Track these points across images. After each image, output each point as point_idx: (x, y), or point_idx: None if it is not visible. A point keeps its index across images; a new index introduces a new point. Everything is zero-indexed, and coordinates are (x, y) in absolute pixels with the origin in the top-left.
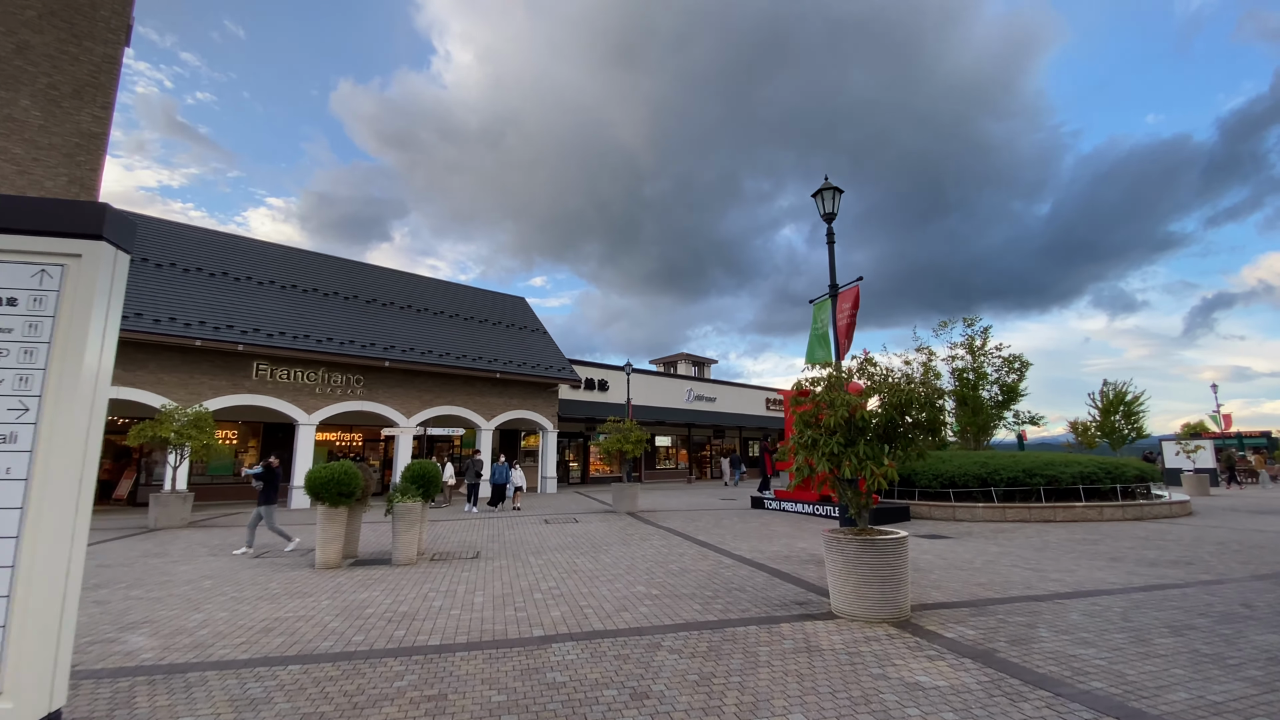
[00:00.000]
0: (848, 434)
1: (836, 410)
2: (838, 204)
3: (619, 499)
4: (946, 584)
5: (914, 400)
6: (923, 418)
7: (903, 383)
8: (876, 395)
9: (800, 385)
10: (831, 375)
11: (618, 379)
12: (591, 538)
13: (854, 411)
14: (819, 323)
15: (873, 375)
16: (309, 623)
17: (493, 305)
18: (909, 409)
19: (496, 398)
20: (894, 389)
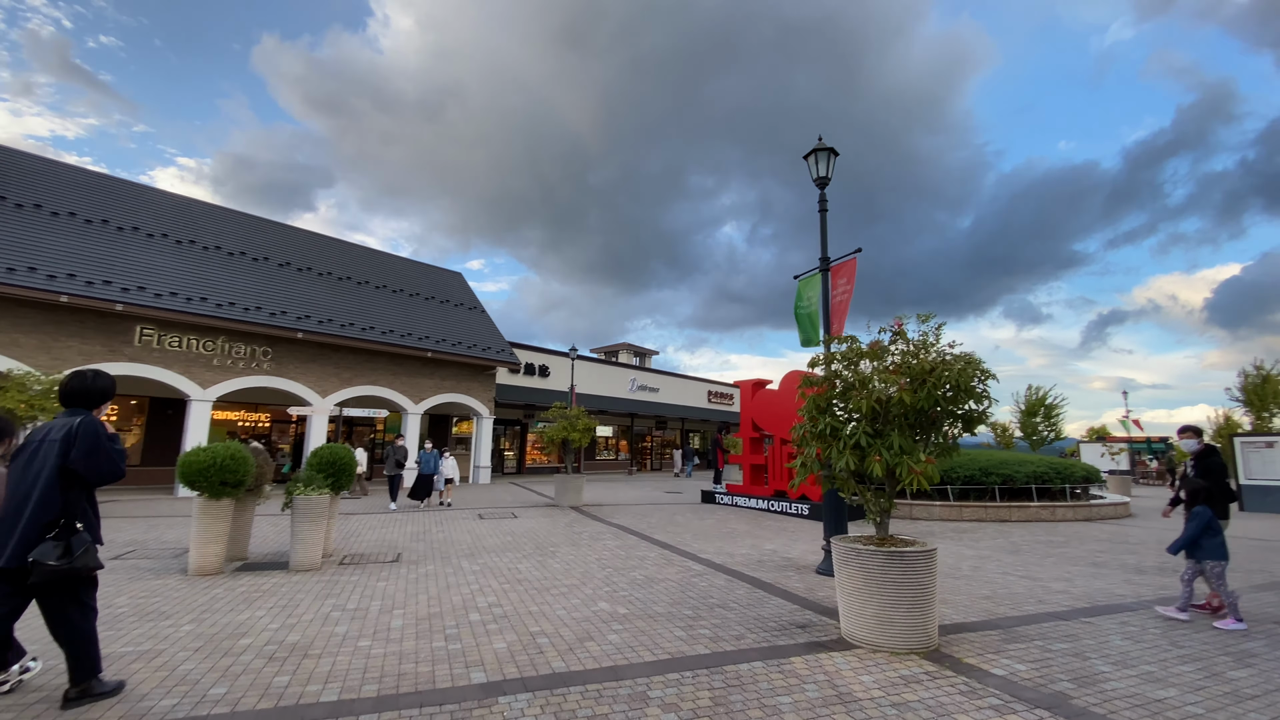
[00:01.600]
0: (876, 422)
1: (870, 392)
2: (832, 167)
3: (562, 492)
4: (950, 597)
5: (964, 383)
6: (969, 406)
7: (951, 361)
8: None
9: (815, 363)
10: (859, 347)
11: (559, 365)
12: (535, 537)
13: (894, 394)
14: (805, 300)
15: (905, 351)
16: (151, 663)
17: (426, 279)
18: (960, 395)
19: (427, 379)
20: (940, 368)
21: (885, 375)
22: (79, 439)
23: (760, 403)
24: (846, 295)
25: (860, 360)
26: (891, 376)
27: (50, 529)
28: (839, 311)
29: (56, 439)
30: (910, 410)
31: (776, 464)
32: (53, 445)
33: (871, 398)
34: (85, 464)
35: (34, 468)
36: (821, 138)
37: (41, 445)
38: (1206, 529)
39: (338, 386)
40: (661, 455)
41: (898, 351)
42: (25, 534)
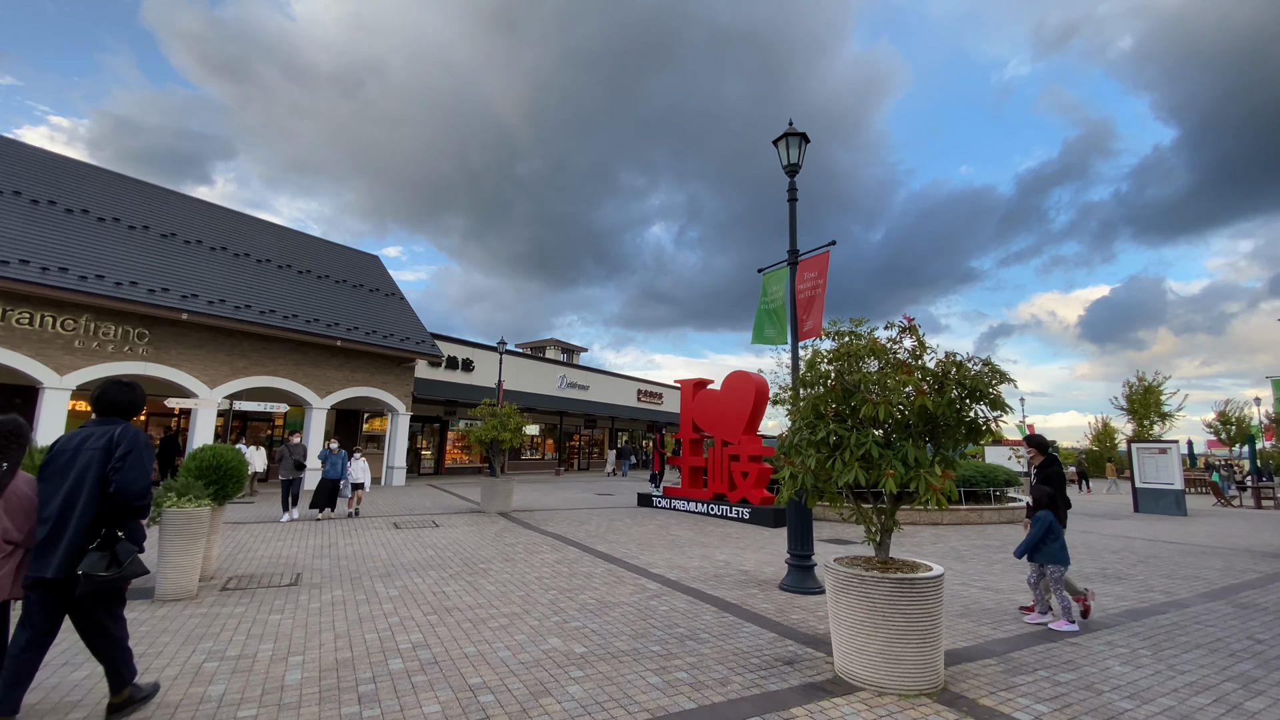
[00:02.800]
0: (887, 431)
1: (889, 395)
2: (803, 154)
3: (489, 496)
4: None
5: (981, 387)
6: (979, 413)
7: (967, 363)
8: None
9: (816, 360)
10: (862, 344)
11: (484, 359)
12: (462, 551)
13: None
14: (770, 296)
15: (913, 350)
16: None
17: (338, 260)
18: (973, 399)
19: (335, 370)
20: (962, 369)
21: (904, 376)
22: (120, 445)
23: (702, 403)
24: (819, 290)
25: (864, 358)
26: (910, 378)
27: (93, 539)
28: (808, 307)
29: (97, 447)
30: (922, 418)
31: (717, 466)
32: (93, 454)
33: (895, 402)
34: (121, 474)
35: (72, 477)
36: (792, 122)
37: (79, 454)
38: (1048, 533)
39: (229, 376)
40: (590, 455)
41: (904, 350)
42: (72, 544)
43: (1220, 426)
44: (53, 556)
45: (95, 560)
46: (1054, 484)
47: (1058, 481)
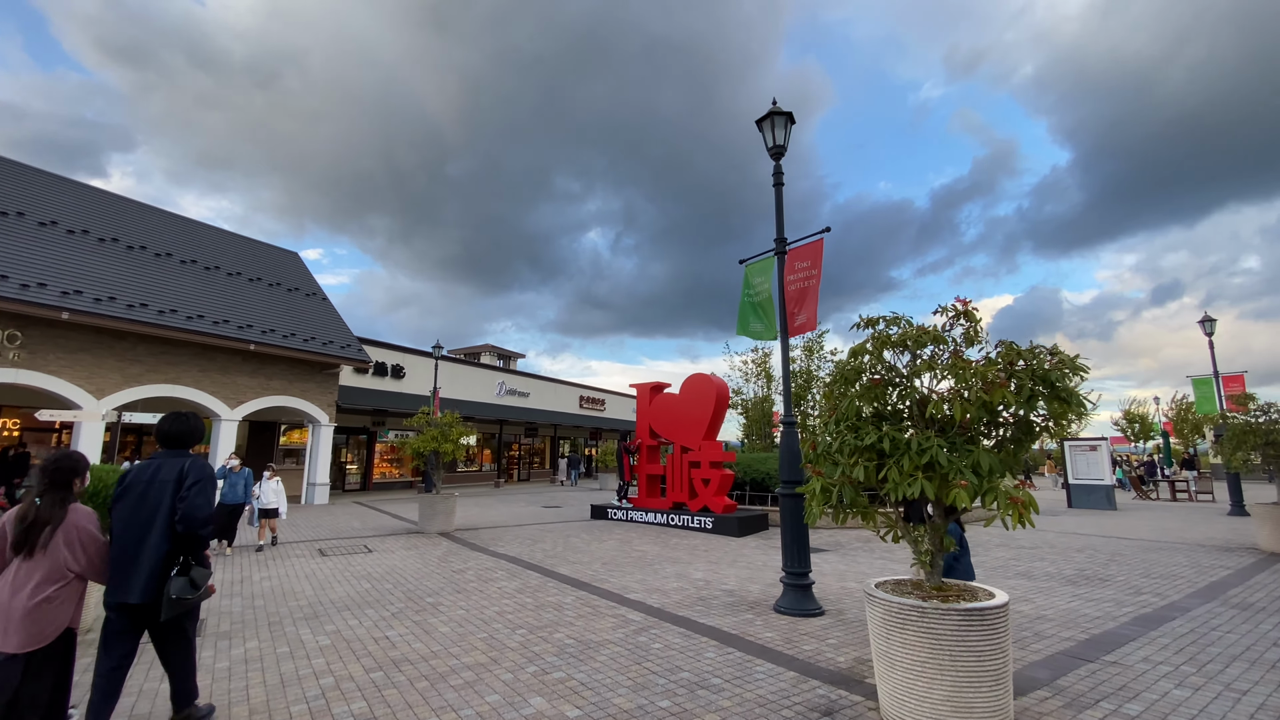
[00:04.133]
0: (945, 433)
1: (971, 393)
2: (789, 135)
3: (428, 515)
4: None
5: (1055, 380)
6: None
7: (1038, 351)
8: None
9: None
10: (917, 330)
11: (416, 365)
12: (403, 581)
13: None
14: (753, 288)
15: (966, 337)
16: None
17: (252, 256)
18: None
19: (248, 377)
20: (1033, 358)
21: (976, 369)
22: (189, 476)
23: (660, 408)
24: (813, 281)
25: (924, 346)
26: (988, 368)
27: (170, 564)
28: (800, 299)
29: (169, 479)
30: (984, 416)
31: (676, 474)
32: (165, 485)
33: (976, 400)
34: (187, 503)
35: (148, 507)
36: (776, 101)
37: (151, 486)
38: (962, 549)
39: (120, 385)
40: (531, 465)
41: (956, 339)
42: (152, 571)
43: (1127, 425)
44: (135, 582)
45: (182, 585)
46: None
47: None
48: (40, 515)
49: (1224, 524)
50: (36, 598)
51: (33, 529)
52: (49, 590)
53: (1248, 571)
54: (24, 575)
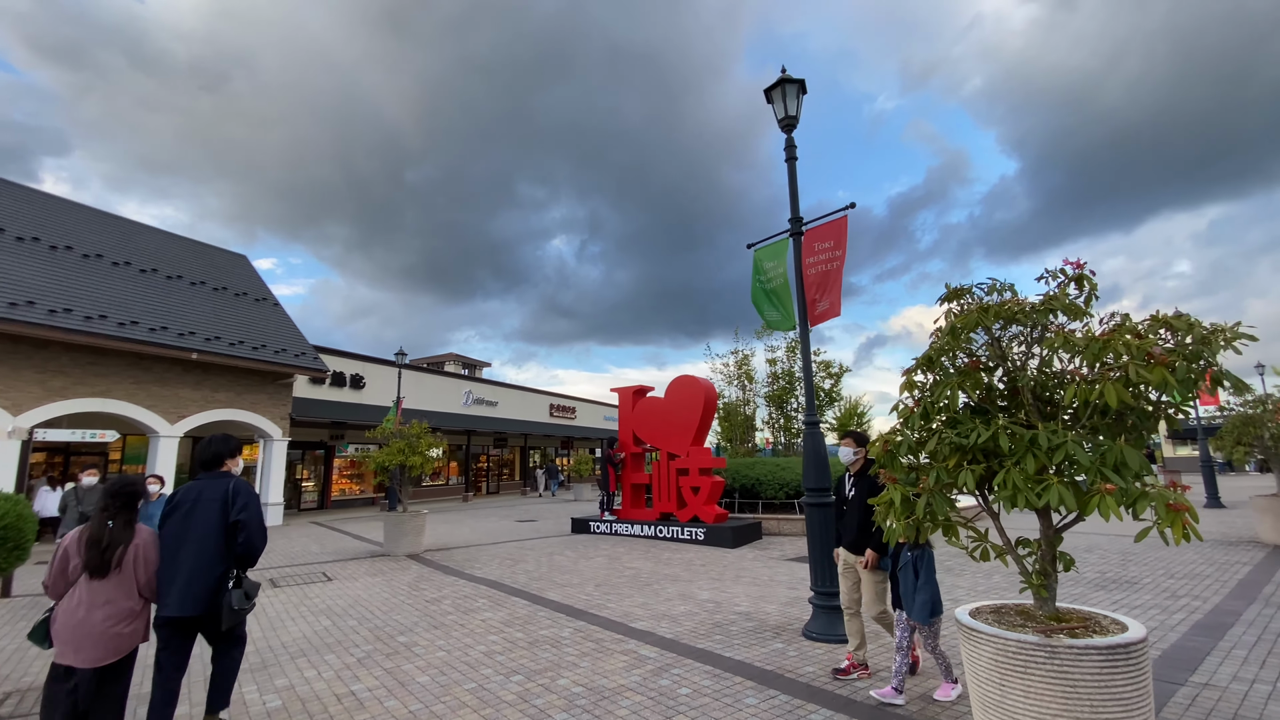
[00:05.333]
0: (1075, 425)
1: (1131, 370)
2: (800, 105)
3: (395, 535)
4: None
5: (1209, 353)
6: (1209, 392)
7: (1190, 319)
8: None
9: (961, 324)
10: (1060, 297)
11: (377, 374)
12: (369, 616)
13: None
14: (765, 274)
15: (1080, 310)
16: None
17: (194, 258)
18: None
19: (191, 389)
20: (1187, 327)
21: (1131, 342)
22: (238, 499)
23: (644, 413)
24: (837, 263)
25: (1050, 315)
26: (1145, 343)
27: (226, 579)
28: (822, 284)
29: (215, 499)
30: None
31: (663, 482)
32: (212, 504)
33: (1137, 379)
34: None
35: (198, 526)
36: (785, 69)
37: (197, 505)
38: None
39: (40, 400)
40: (500, 476)
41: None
42: (210, 585)
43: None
44: (190, 596)
45: (239, 596)
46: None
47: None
48: (115, 537)
49: (1208, 517)
50: (112, 616)
51: (108, 550)
52: (124, 607)
53: (1266, 567)
54: (99, 595)
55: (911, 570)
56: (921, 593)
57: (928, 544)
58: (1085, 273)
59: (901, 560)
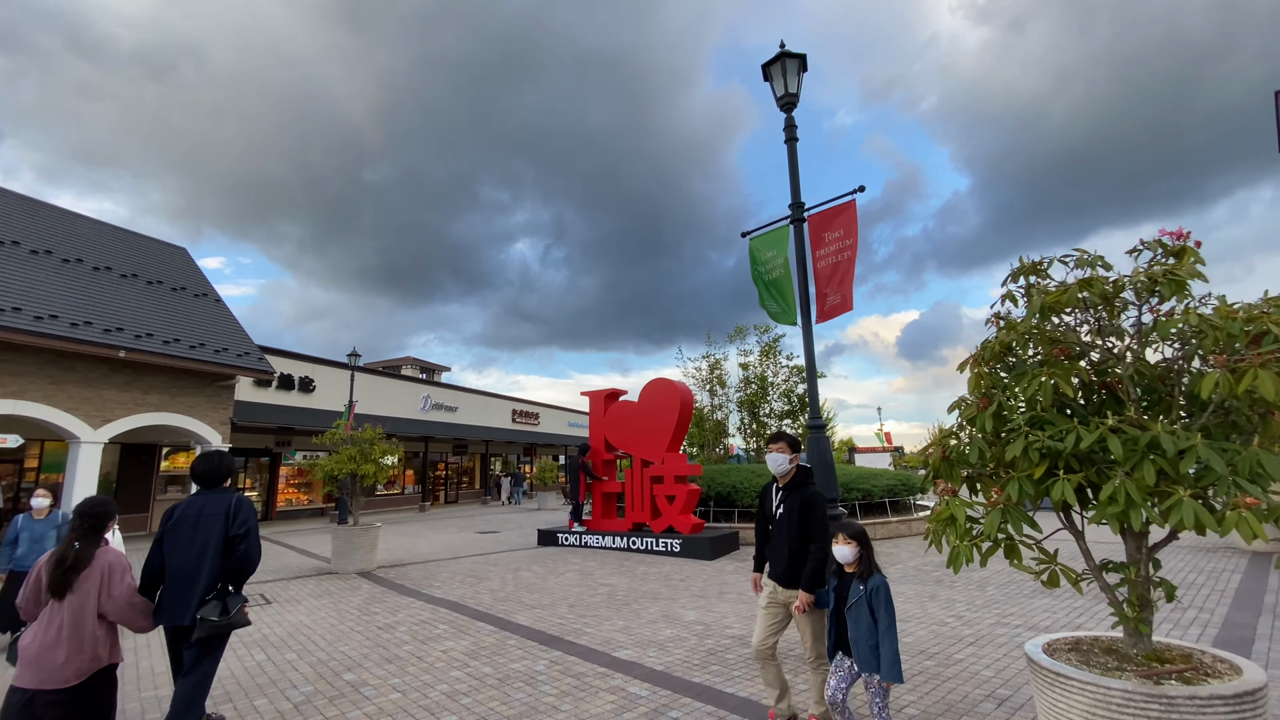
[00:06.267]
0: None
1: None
2: (801, 83)
3: (345, 550)
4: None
5: None
6: None
7: None
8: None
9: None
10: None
11: (329, 377)
12: (311, 647)
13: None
14: (763, 265)
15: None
16: None
17: (126, 249)
18: None
19: (118, 391)
20: None
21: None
22: (239, 515)
23: (616, 418)
24: (848, 253)
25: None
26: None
27: (210, 591)
28: (831, 276)
29: (217, 514)
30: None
31: (636, 491)
32: (214, 519)
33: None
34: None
35: (199, 539)
36: (784, 43)
37: (200, 519)
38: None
39: None
40: (459, 485)
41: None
42: (201, 596)
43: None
44: (188, 607)
45: (211, 608)
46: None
47: (820, 513)
48: (79, 558)
49: None
50: (75, 637)
51: (70, 572)
52: (87, 629)
53: (1256, 575)
54: (63, 615)
55: (866, 609)
56: (887, 641)
57: (878, 572)
58: (1189, 244)
59: (851, 596)
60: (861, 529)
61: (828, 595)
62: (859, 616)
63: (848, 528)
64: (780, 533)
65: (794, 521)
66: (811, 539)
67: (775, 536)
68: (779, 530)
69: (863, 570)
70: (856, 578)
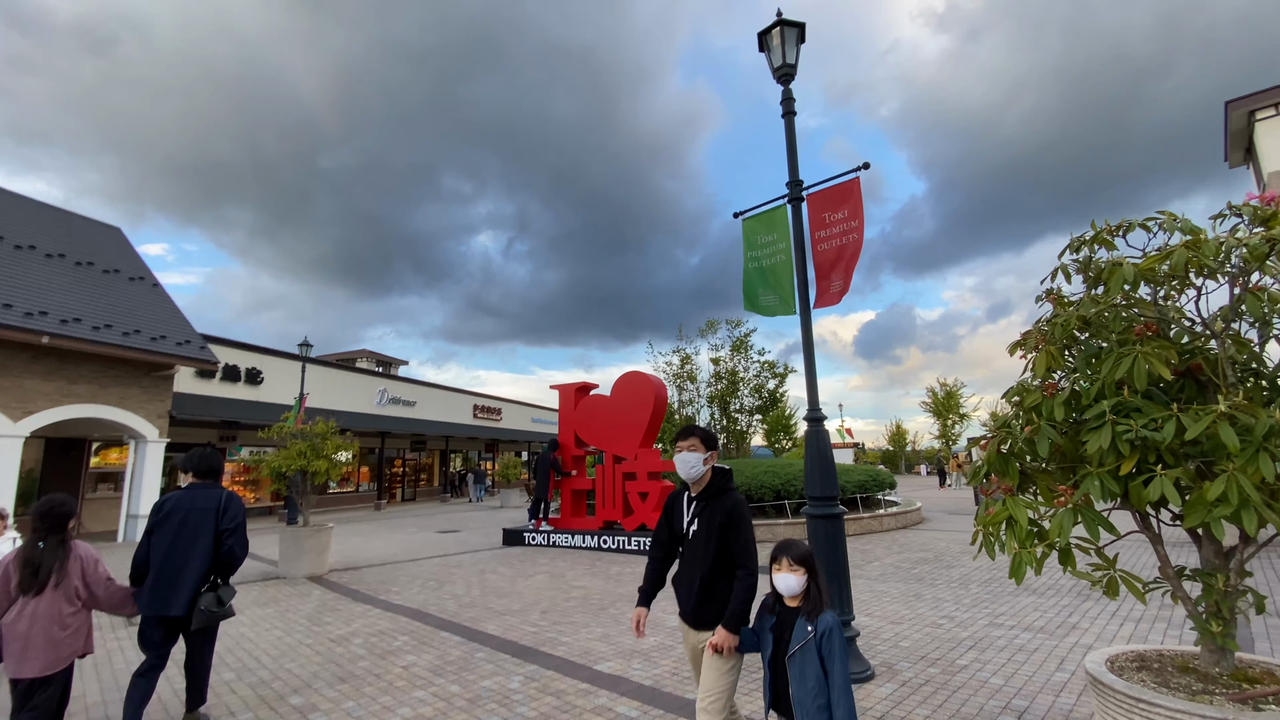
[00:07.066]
0: None
1: None
2: (799, 54)
3: (293, 554)
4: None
5: None
6: None
7: None
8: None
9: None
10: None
11: (278, 368)
12: (253, 665)
13: None
14: (759, 248)
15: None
16: None
17: (51, 227)
18: None
19: (41, 380)
20: None
21: None
22: (229, 510)
23: (587, 413)
24: (854, 235)
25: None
26: None
27: (203, 583)
28: (836, 261)
29: (209, 508)
30: None
31: (608, 488)
32: (205, 514)
33: None
34: (234, 538)
35: (188, 533)
36: (781, 11)
37: (191, 513)
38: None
39: None
40: (417, 482)
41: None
42: (194, 587)
43: (993, 424)
44: (178, 597)
45: (210, 600)
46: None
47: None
48: (46, 557)
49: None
50: (51, 630)
51: (40, 570)
52: (65, 621)
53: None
54: (39, 610)
55: (815, 657)
56: (843, 701)
57: (828, 609)
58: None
59: (795, 639)
60: (810, 551)
61: (754, 636)
62: (805, 667)
63: (792, 549)
64: (693, 557)
65: (711, 541)
66: (736, 562)
67: (684, 561)
68: (690, 553)
69: (810, 606)
70: (802, 615)
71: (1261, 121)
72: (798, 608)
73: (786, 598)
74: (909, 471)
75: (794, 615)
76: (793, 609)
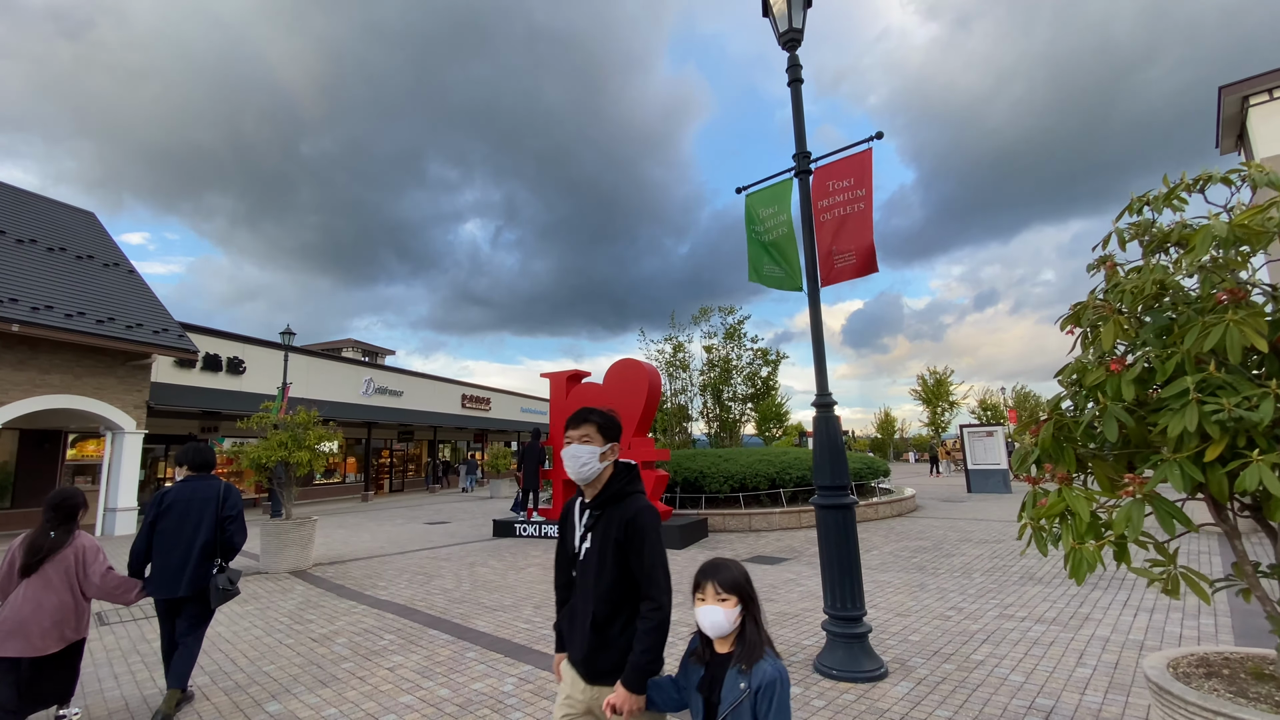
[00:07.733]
0: None
1: None
2: (805, 18)
3: (274, 546)
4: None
5: None
6: None
7: None
8: None
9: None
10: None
11: (261, 358)
12: (230, 667)
13: None
14: (761, 223)
15: None
16: None
17: (25, 212)
18: None
19: (12, 370)
20: None
21: None
22: (229, 499)
23: (579, 400)
24: (861, 205)
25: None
26: None
27: (212, 566)
28: (839, 230)
29: (210, 498)
30: None
31: None
32: (206, 503)
33: None
34: (235, 524)
35: (191, 521)
36: None
37: (192, 503)
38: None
39: None
40: (404, 473)
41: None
42: (199, 571)
43: (982, 412)
44: (182, 580)
45: (224, 580)
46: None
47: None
48: (52, 544)
49: None
50: (48, 612)
51: (45, 556)
52: (62, 605)
53: (1220, 551)
54: (39, 594)
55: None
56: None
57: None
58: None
59: (729, 698)
60: (744, 575)
61: (676, 689)
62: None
63: (720, 571)
64: (584, 584)
65: (606, 564)
66: (641, 593)
67: (577, 590)
68: (582, 579)
69: (745, 650)
70: (735, 665)
71: (1255, 107)
72: (729, 654)
73: (716, 640)
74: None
75: (723, 664)
76: (723, 656)
